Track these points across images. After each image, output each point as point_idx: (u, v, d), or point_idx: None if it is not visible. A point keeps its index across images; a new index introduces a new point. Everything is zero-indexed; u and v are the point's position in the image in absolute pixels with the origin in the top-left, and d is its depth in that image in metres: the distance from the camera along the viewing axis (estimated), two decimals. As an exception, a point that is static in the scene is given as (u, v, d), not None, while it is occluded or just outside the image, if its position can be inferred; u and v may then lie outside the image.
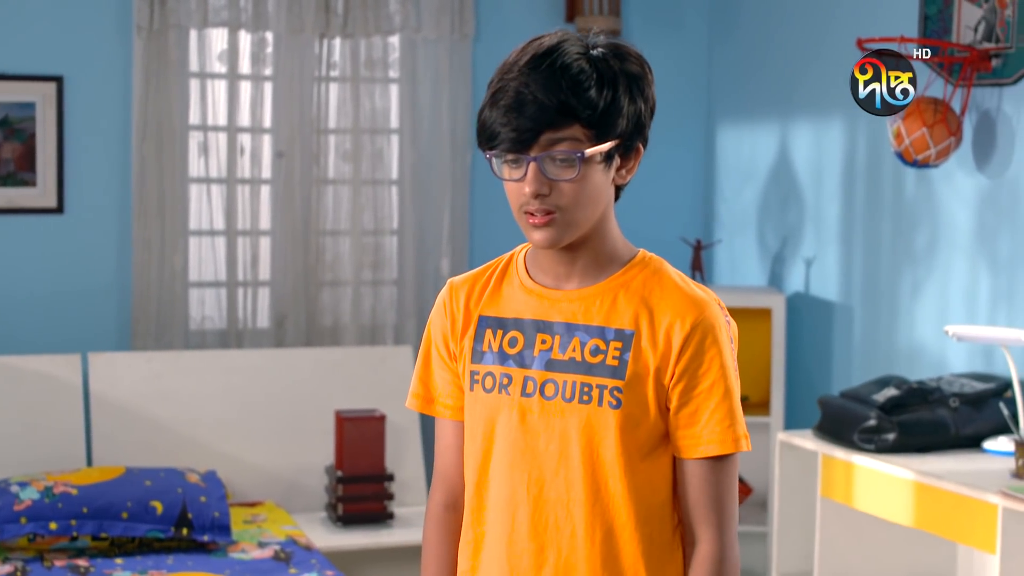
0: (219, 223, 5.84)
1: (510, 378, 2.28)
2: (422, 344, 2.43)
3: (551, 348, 2.26)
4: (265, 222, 5.92)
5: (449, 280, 2.41)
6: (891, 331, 5.28)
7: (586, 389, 2.23)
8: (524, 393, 2.27)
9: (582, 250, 2.27)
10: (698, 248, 6.04)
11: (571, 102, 2.15)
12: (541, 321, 2.28)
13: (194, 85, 5.76)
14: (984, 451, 4.53)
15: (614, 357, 2.23)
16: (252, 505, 5.44)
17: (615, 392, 2.22)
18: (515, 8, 6.21)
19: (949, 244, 5.01)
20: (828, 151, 5.63)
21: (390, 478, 5.41)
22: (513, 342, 2.29)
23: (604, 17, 6.10)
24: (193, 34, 5.72)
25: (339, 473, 5.37)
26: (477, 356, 2.32)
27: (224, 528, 4.89)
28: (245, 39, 5.81)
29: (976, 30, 4.82)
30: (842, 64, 5.47)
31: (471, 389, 2.32)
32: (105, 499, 4.82)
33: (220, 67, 5.80)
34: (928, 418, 4.55)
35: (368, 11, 5.91)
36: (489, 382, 2.30)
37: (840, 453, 4.58)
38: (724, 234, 6.23)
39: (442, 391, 2.39)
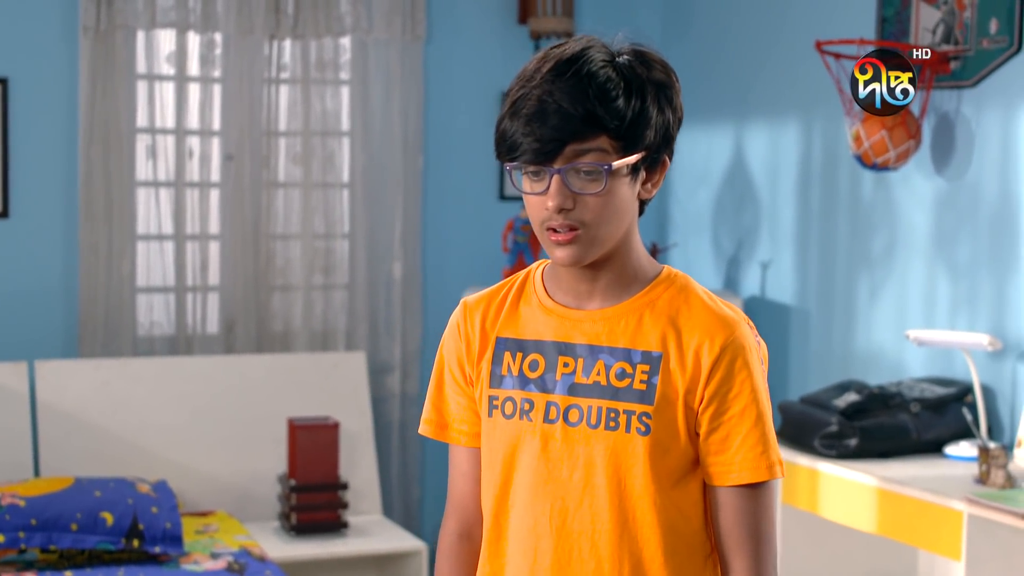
0: (167, 227, 5.75)
1: (532, 403, 2.17)
2: (434, 367, 2.31)
3: (574, 371, 2.16)
4: (214, 226, 5.83)
5: (463, 300, 2.29)
6: (848, 335, 5.25)
7: (612, 415, 2.13)
8: (547, 419, 2.16)
9: (605, 268, 2.16)
10: (653, 252, 5.99)
11: (598, 112, 2.05)
12: (563, 343, 2.17)
13: (142, 87, 5.66)
14: (946, 456, 4.51)
15: (641, 381, 2.12)
16: (203, 515, 5.35)
17: (643, 418, 2.12)
18: (467, 10, 6.15)
19: (907, 248, 4.99)
20: (784, 153, 5.60)
21: (344, 487, 5.34)
22: (534, 365, 2.18)
23: (557, 18, 6.04)
24: (141, 35, 5.62)
25: (292, 482, 5.29)
26: (496, 380, 2.21)
27: (176, 539, 4.79)
28: (194, 40, 5.72)
29: (935, 32, 4.80)
30: (798, 65, 5.44)
31: (489, 415, 2.21)
32: (54, 510, 4.71)
33: (168, 69, 5.70)
34: (889, 423, 4.53)
35: (319, 12, 5.83)
36: (509, 407, 2.19)
37: (801, 459, 4.54)
38: (679, 237, 6.19)
39: (456, 416, 2.28)
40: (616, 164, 2.08)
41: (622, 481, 2.12)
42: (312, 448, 5.30)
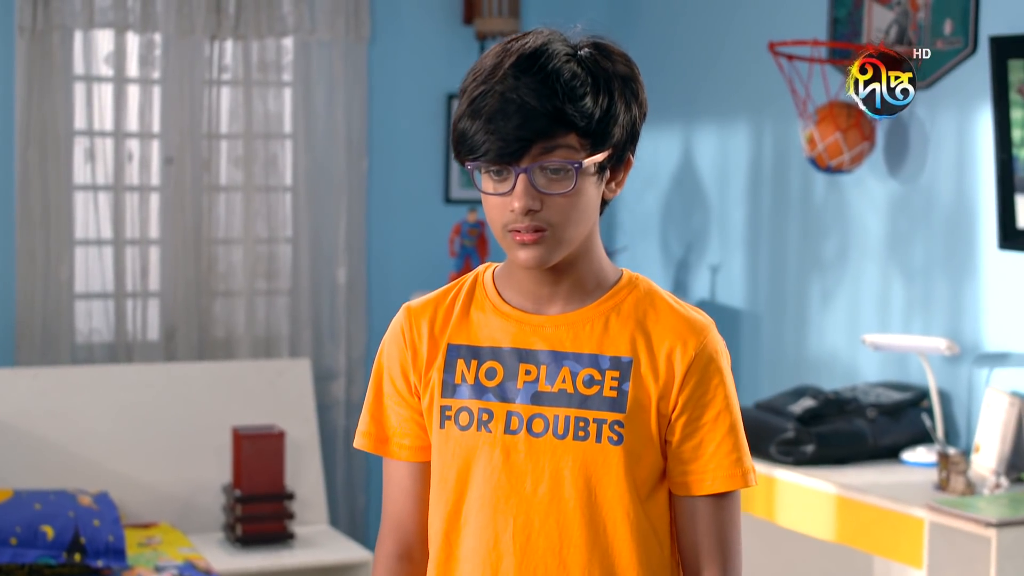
0: (106, 232, 5.62)
1: (491, 414, 2.06)
2: (372, 377, 2.19)
3: (537, 379, 2.05)
4: (154, 231, 5.71)
5: (405, 305, 2.18)
6: (801, 340, 5.20)
7: (581, 424, 2.03)
8: (508, 430, 2.05)
9: (567, 271, 2.07)
10: (601, 255, 5.92)
11: (567, 110, 1.98)
12: (522, 349, 2.07)
13: (79, 89, 5.53)
14: (903, 462, 4.47)
15: (612, 388, 2.03)
16: (146, 527, 5.22)
17: (615, 426, 2.03)
18: (411, 10, 6.06)
19: (860, 251, 4.94)
20: (733, 155, 5.54)
21: (290, 497, 5.24)
22: (491, 373, 2.07)
23: (503, 19, 5.98)
24: (78, 35, 5.50)
25: (237, 492, 5.18)
26: (448, 389, 2.09)
27: (119, 552, 4.68)
28: (133, 41, 5.60)
29: (888, 33, 4.76)
30: (747, 66, 5.39)
31: (442, 426, 2.09)
32: (-8, 524, 4.60)
33: (107, 70, 5.58)
34: (846, 429, 4.48)
35: (261, 12, 5.72)
36: (465, 418, 2.07)
37: (757, 466, 4.48)
38: (627, 240, 6.13)
39: (398, 429, 2.15)
40: (586, 162, 2.00)
41: (592, 493, 2.04)
42: (257, 457, 5.20)
